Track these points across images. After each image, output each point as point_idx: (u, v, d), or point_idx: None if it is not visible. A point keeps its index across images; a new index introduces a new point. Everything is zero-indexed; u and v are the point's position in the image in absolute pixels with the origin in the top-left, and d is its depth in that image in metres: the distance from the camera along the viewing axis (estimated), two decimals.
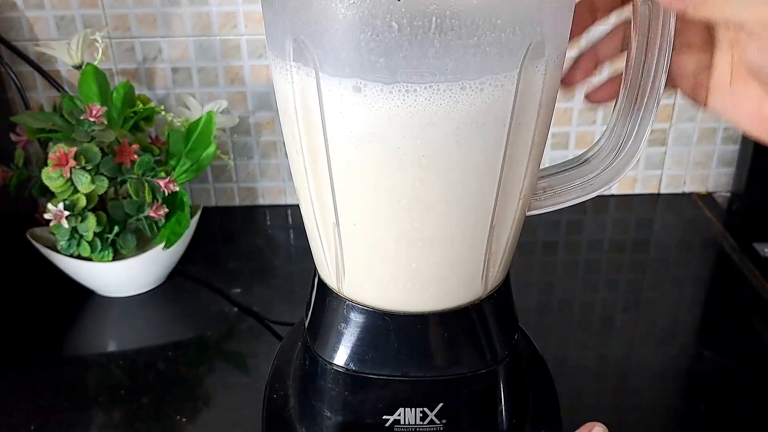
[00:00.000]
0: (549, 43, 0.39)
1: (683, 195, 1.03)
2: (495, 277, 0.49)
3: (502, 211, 0.44)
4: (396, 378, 0.48)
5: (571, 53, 0.46)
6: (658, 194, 1.04)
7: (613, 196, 1.03)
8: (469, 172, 0.41)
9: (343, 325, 0.48)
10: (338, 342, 0.49)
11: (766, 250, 0.88)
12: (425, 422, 0.49)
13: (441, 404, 0.49)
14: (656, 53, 0.44)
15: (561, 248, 0.94)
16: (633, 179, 1.02)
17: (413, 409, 0.49)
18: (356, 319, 0.48)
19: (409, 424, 0.49)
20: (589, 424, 0.50)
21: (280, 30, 0.39)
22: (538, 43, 0.39)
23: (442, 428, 0.49)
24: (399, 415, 0.49)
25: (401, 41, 0.36)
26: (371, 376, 0.48)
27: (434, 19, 0.35)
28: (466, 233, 0.44)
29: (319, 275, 0.51)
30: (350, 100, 0.38)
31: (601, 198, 1.02)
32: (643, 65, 0.45)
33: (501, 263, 0.48)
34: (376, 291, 0.47)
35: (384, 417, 0.49)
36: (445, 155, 0.40)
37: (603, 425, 0.50)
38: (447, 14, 0.35)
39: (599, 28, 0.47)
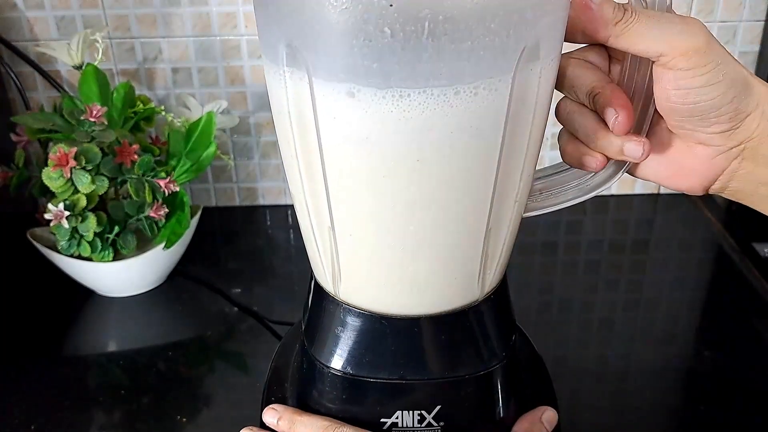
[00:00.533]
0: (543, 46, 0.39)
1: (683, 195, 1.03)
2: (492, 280, 0.49)
3: (497, 214, 0.44)
4: (393, 381, 0.48)
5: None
6: (658, 194, 1.03)
7: (612, 196, 1.03)
8: (465, 176, 0.41)
9: (339, 328, 0.48)
10: (335, 345, 0.49)
11: (765, 250, 0.88)
12: (423, 425, 0.49)
13: (438, 407, 0.49)
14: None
15: (561, 248, 0.94)
16: (633, 179, 1.02)
17: (411, 412, 0.49)
18: (353, 322, 0.48)
19: (406, 427, 0.49)
20: (540, 408, 0.52)
21: (273, 35, 0.39)
22: (533, 47, 0.38)
23: (439, 431, 0.49)
24: (397, 417, 0.49)
25: (394, 46, 0.35)
26: (368, 379, 0.48)
27: (427, 23, 0.35)
28: (462, 236, 0.44)
29: (315, 278, 0.51)
30: (344, 105, 0.38)
31: (600, 198, 1.02)
32: (637, 72, 0.45)
33: (497, 266, 0.48)
34: (373, 294, 0.47)
35: (382, 420, 0.49)
36: (440, 159, 0.40)
37: (554, 410, 0.52)
38: (440, 19, 0.35)
39: None
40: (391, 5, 0.34)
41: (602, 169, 0.46)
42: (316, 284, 0.51)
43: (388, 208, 0.42)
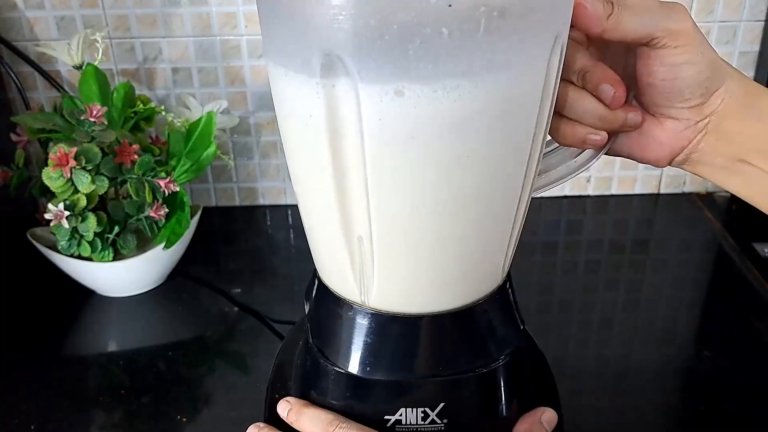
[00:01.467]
0: (563, 32, 0.41)
1: (683, 195, 1.03)
2: (506, 270, 0.50)
3: (523, 200, 0.45)
4: (398, 379, 0.48)
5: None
6: (658, 194, 1.04)
7: (613, 196, 1.03)
8: (505, 166, 0.42)
9: (347, 327, 0.48)
10: (341, 344, 0.48)
11: (765, 250, 0.89)
12: (426, 422, 0.49)
13: (442, 404, 0.49)
14: None
15: (561, 248, 0.94)
16: (633, 179, 1.02)
17: (414, 410, 0.49)
18: (361, 321, 0.48)
19: (410, 424, 0.49)
20: (540, 409, 0.52)
21: (304, 47, 0.38)
22: (559, 34, 0.40)
23: (443, 428, 0.49)
24: (400, 415, 0.49)
25: (450, 45, 0.36)
26: (373, 377, 0.48)
27: (483, 21, 0.35)
28: (496, 227, 0.45)
29: (320, 278, 0.51)
30: (391, 105, 0.37)
31: (600, 198, 1.02)
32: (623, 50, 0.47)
33: (512, 254, 0.49)
34: (389, 294, 0.47)
35: (385, 417, 0.49)
36: (482, 151, 0.40)
37: (553, 410, 0.52)
38: (494, 15, 0.35)
39: None
40: (450, 5, 0.34)
41: (606, 143, 0.49)
42: (320, 283, 0.50)
43: (428, 208, 0.41)
